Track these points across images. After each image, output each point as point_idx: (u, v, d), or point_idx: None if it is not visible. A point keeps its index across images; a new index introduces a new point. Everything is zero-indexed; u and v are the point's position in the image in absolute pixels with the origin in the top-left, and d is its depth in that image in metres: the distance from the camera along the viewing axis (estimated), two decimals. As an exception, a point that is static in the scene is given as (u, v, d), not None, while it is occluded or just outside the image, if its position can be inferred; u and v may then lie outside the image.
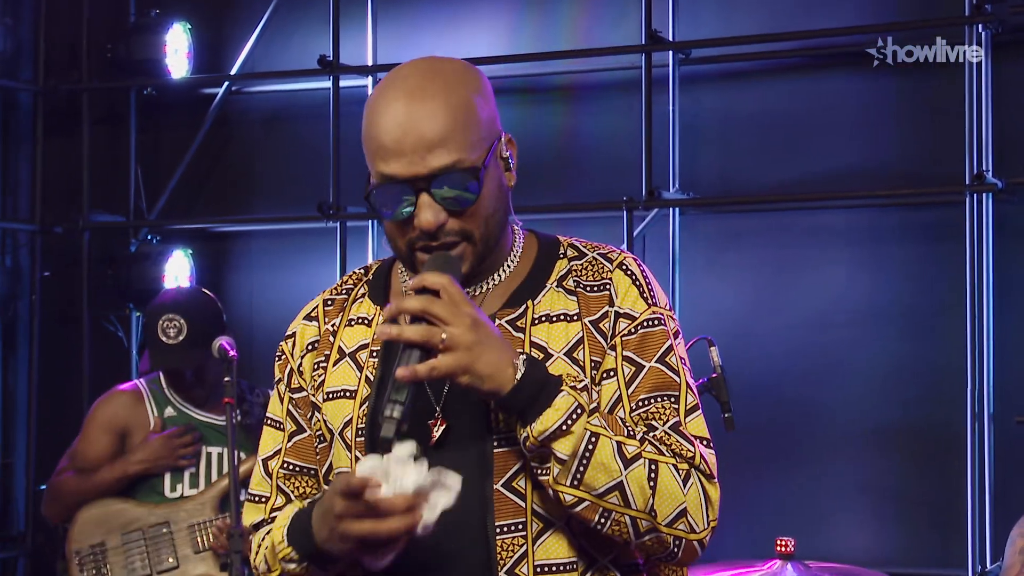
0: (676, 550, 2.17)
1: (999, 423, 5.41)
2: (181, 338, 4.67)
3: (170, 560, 4.69)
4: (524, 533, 2.19)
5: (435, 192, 2.18)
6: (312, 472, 2.37)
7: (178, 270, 6.62)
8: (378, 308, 2.34)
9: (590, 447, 2.10)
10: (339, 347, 2.34)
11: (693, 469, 2.17)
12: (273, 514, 2.37)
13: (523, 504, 2.19)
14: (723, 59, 6.06)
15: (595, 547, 2.22)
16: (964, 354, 5.41)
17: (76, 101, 6.85)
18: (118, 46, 6.78)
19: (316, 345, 2.38)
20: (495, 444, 2.19)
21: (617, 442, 2.13)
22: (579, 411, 2.11)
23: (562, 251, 2.32)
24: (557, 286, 2.27)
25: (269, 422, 2.42)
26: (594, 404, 2.14)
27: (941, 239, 5.65)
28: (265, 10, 6.66)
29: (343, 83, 6.43)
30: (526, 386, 2.10)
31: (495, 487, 2.19)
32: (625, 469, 2.11)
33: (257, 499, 2.41)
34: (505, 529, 2.19)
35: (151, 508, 4.71)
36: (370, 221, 6.38)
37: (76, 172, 6.80)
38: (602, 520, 2.12)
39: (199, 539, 4.67)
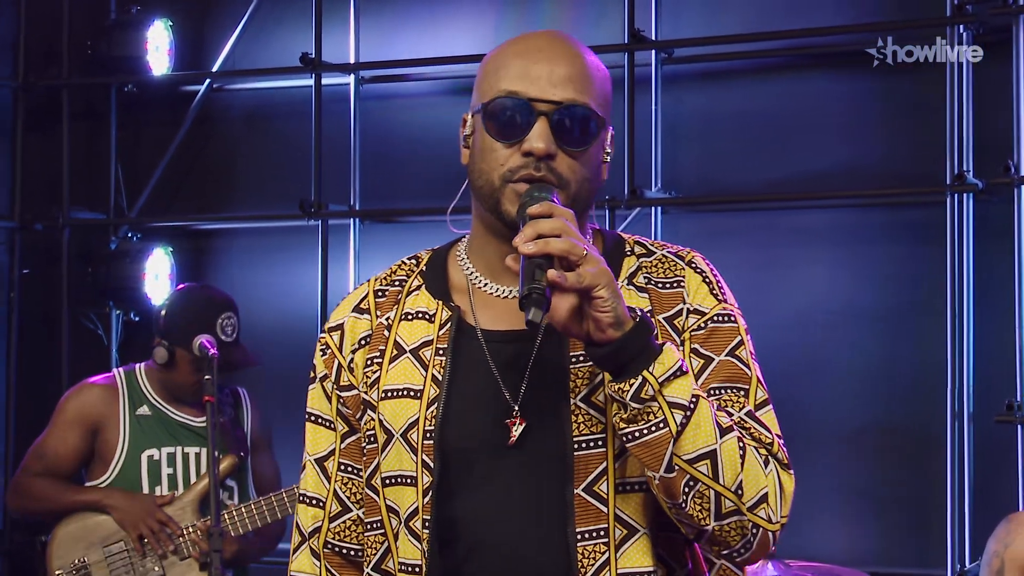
0: (752, 540, 2.11)
1: (979, 423, 5.42)
2: (236, 335, 4.65)
3: (155, 569, 4.65)
4: (606, 540, 2.13)
5: (555, 121, 2.15)
6: (360, 473, 2.29)
7: (159, 268, 6.60)
8: (439, 303, 2.26)
9: (692, 404, 2.05)
10: (396, 342, 2.25)
11: (771, 456, 2.13)
12: (332, 526, 2.31)
13: (605, 510, 2.13)
14: (706, 59, 6.06)
15: (672, 556, 2.18)
16: (944, 354, 5.42)
17: (56, 98, 6.82)
18: (98, 43, 6.75)
19: (369, 340, 2.28)
20: (576, 447, 2.13)
21: (714, 408, 2.09)
22: (685, 363, 2.07)
23: (629, 248, 2.29)
24: (627, 283, 2.23)
25: (315, 419, 2.33)
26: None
27: (922, 239, 5.66)
28: (247, 7, 6.64)
29: (325, 81, 6.42)
30: (644, 327, 2.05)
31: (576, 492, 2.13)
32: (720, 437, 2.06)
33: (313, 501, 2.34)
34: (586, 536, 2.13)
35: None
36: (352, 219, 6.37)
37: (56, 169, 6.77)
38: (686, 492, 2.05)
39: (183, 545, 4.63)
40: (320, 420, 2.33)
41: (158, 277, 6.56)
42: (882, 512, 5.72)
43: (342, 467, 2.30)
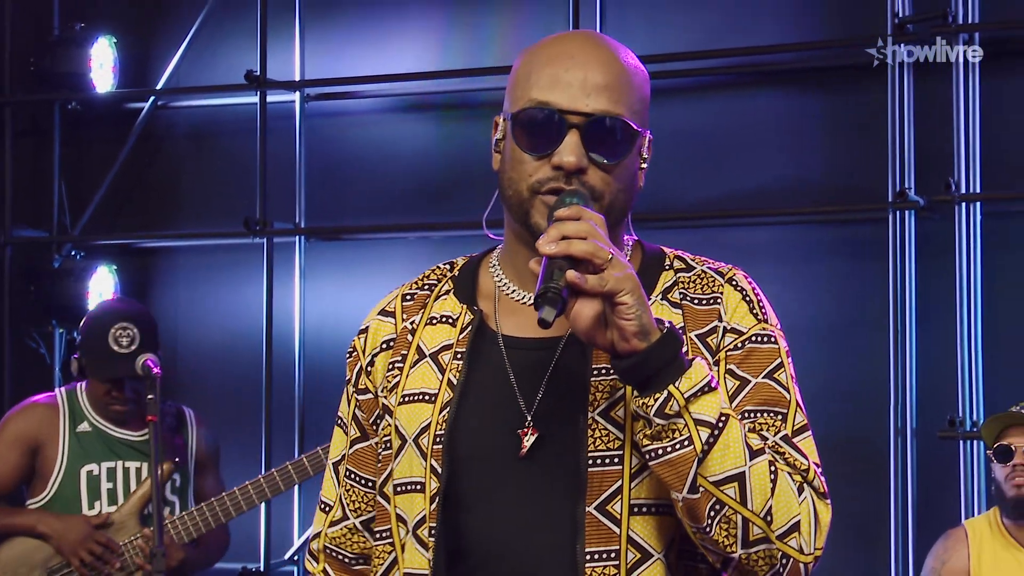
0: (781, 572, 2.01)
1: (921, 438, 5.47)
2: (134, 347, 4.59)
3: None
4: (617, 563, 2.02)
5: (587, 134, 2.05)
6: (369, 484, 2.23)
7: (102, 286, 6.56)
8: (464, 307, 2.18)
9: (721, 423, 1.95)
10: (418, 346, 2.18)
11: (806, 483, 2.03)
12: (330, 531, 2.27)
13: (617, 530, 2.02)
14: (651, 76, 6.07)
15: None
16: (887, 370, 5.46)
17: (-2, 114, 6.78)
18: (42, 59, 6.71)
19: (392, 344, 2.21)
20: (590, 463, 2.03)
21: (744, 430, 1.99)
22: (715, 379, 1.98)
23: (668, 263, 2.19)
24: (662, 298, 2.13)
25: (339, 423, 2.29)
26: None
27: (865, 256, 5.70)
28: (192, 25, 6.62)
29: (270, 98, 6.41)
30: (673, 339, 1.95)
31: (587, 510, 2.02)
32: (750, 460, 1.96)
33: (324, 507, 2.30)
34: (596, 557, 2.02)
35: None
36: (297, 237, 6.35)
37: (-2, 186, 6.73)
38: (711, 516, 1.95)
39: (128, 558, 4.60)
40: (341, 424, 2.29)
41: (102, 295, 6.51)
42: (827, 527, 5.74)
43: (348, 473, 2.26)
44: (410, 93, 6.40)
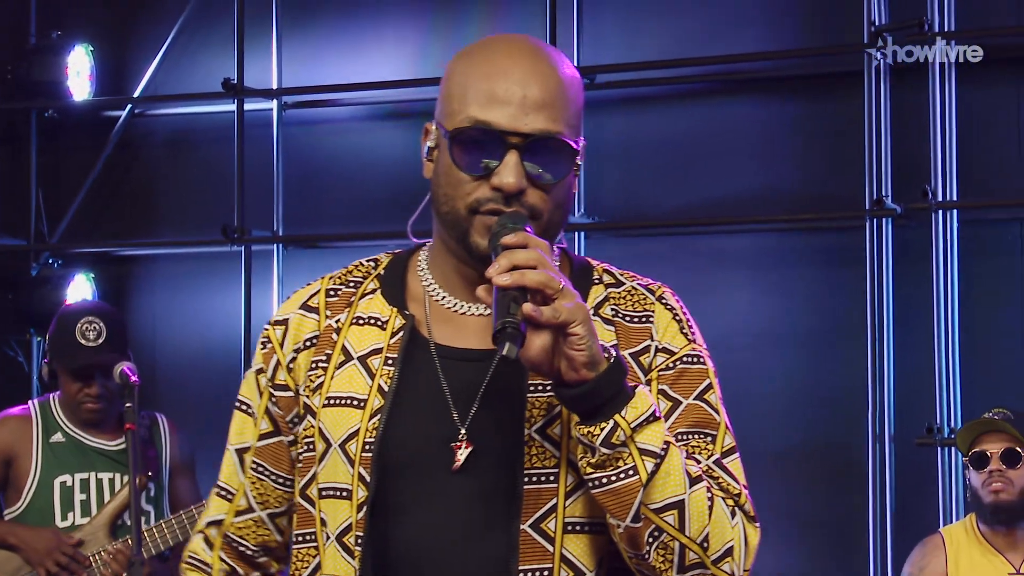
0: None
1: (899, 445, 5.48)
2: (100, 340, 4.58)
3: None
4: None
5: (526, 154, 2.01)
6: (279, 480, 2.18)
7: (80, 294, 6.54)
8: (394, 310, 2.12)
9: (663, 451, 1.93)
10: (344, 347, 2.12)
11: (738, 507, 2.02)
12: (235, 521, 2.21)
13: (551, 549, 2.00)
14: (627, 84, 6.10)
15: None
16: (865, 377, 5.47)
17: (-25, 123, 6.77)
18: (18, 67, 6.71)
19: (315, 341, 2.14)
20: (526, 479, 2.00)
21: (683, 456, 1.98)
22: (658, 408, 1.96)
23: (597, 276, 2.16)
24: (594, 314, 2.07)
25: (244, 408, 2.21)
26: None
27: (842, 263, 5.72)
28: (169, 33, 6.61)
29: (247, 106, 6.40)
30: (619, 368, 1.93)
31: (522, 527, 2.00)
32: (689, 487, 1.95)
33: (225, 493, 2.23)
34: (529, 575, 2.00)
35: None
36: (275, 245, 6.35)
37: (-25, 195, 6.72)
38: (650, 542, 1.94)
39: (98, 568, 4.59)
40: (248, 410, 2.21)
41: (79, 303, 6.50)
42: (805, 534, 5.76)
43: (255, 465, 2.19)
44: (388, 101, 6.40)
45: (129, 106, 6.69)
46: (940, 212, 5.43)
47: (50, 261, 6.74)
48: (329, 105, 6.52)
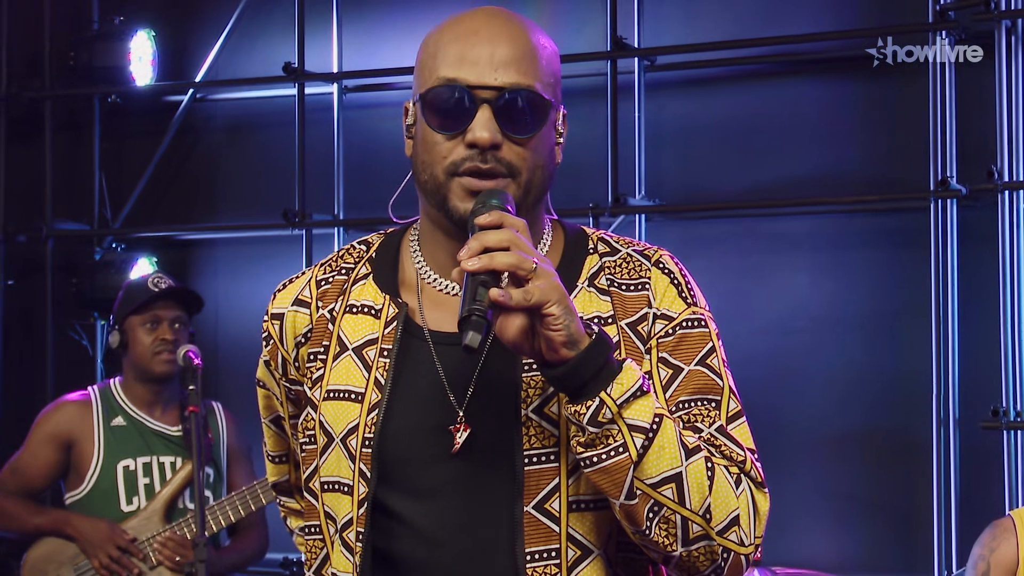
0: (723, 565, 1.97)
1: (964, 429, 5.42)
2: (169, 283, 4.75)
3: None
4: (558, 561, 1.99)
5: (498, 108, 2.00)
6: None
7: (143, 278, 6.59)
8: (387, 298, 2.11)
9: (655, 425, 1.91)
10: (340, 337, 2.11)
11: (743, 475, 2.00)
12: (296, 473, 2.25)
13: (557, 529, 1.99)
14: (688, 66, 6.07)
15: None
16: (928, 360, 5.42)
17: (39, 108, 6.81)
18: (81, 53, 6.75)
19: (310, 335, 2.15)
20: (526, 461, 2.00)
21: (679, 428, 1.95)
22: (647, 381, 1.94)
23: (592, 246, 2.14)
24: (589, 285, 2.08)
25: (264, 386, 2.26)
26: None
27: (905, 245, 5.67)
28: (230, 17, 6.63)
29: (308, 90, 6.41)
30: (602, 344, 1.90)
31: (526, 509, 1.99)
32: (686, 459, 1.93)
33: (276, 458, 2.30)
34: (536, 556, 1.99)
35: None
36: (336, 228, 6.36)
37: (39, 180, 6.76)
38: (650, 517, 1.92)
39: (151, 554, 4.63)
40: (269, 390, 2.26)
41: (142, 288, 6.54)
42: (868, 518, 5.72)
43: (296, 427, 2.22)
44: (448, 84, 6.39)
45: (191, 91, 6.72)
46: (1006, 193, 5.36)
47: (113, 245, 6.79)
48: (389, 88, 6.52)
